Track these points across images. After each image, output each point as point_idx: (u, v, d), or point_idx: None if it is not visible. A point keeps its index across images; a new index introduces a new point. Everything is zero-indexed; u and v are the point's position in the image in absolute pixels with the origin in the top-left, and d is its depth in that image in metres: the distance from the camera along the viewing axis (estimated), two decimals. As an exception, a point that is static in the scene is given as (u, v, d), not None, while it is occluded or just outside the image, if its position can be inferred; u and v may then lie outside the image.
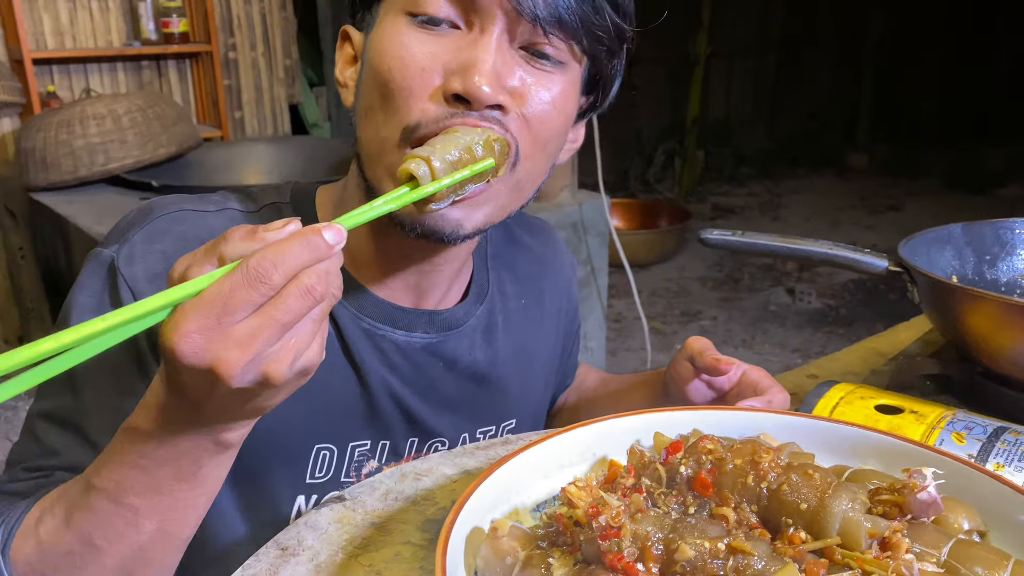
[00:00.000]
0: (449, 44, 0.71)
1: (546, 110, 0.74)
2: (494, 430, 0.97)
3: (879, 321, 4.11)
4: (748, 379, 0.85)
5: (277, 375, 0.53)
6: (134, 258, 0.77)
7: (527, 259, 1.03)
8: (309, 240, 0.52)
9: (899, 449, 0.67)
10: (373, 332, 0.85)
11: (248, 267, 0.51)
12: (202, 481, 0.62)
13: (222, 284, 0.51)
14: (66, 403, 0.75)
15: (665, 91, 6.94)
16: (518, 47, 0.73)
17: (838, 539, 0.55)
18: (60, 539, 0.63)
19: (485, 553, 0.57)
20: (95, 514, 0.62)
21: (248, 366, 0.52)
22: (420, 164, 0.65)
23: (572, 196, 3.13)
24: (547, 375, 1.06)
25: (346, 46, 0.83)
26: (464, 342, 0.91)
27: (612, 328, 4.11)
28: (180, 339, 0.51)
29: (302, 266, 0.52)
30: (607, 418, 0.72)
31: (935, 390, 0.97)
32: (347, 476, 0.87)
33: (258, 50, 4.23)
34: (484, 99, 0.69)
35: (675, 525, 0.54)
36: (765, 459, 0.59)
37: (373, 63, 0.74)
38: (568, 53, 0.74)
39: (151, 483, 0.60)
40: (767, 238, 1.03)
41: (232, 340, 0.51)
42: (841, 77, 7.72)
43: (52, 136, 2.93)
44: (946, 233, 1.07)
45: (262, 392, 0.55)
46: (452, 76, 0.70)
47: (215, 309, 0.51)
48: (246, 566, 0.65)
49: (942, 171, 6.92)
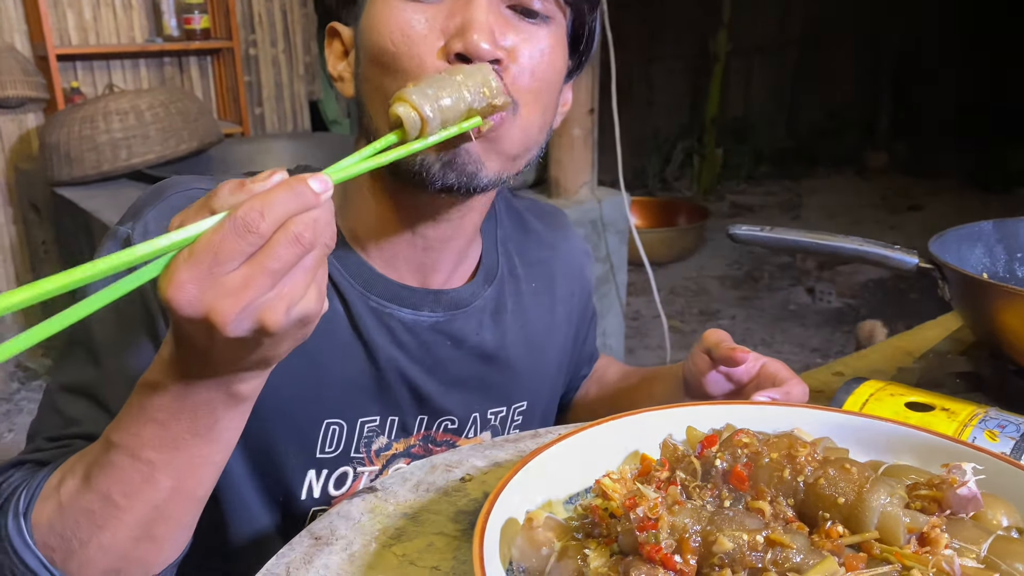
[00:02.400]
0: (442, 10, 0.75)
1: (539, 62, 0.78)
2: (505, 411, 0.98)
3: (900, 320, 4.08)
4: (767, 371, 0.86)
5: (273, 323, 0.54)
6: (148, 234, 0.78)
7: (537, 244, 1.04)
8: (295, 188, 0.53)
9: (935, 445, 0.67)
10: (380, 310, 0.86)
11: (236, 217, 0.52)
12: (217, 436, 0.63)
13: (212, 234, 0.52)
14: (86, 374, 0.77)
15: (684, 89, 6.92)
16: (506, 6, 0.76)
17: (876, 533, 0.55)
18: (80, 498, 0.64)
19: (521, 544, 0.57)
20: (114, 469, 0.63)
21: (242, 314, 0.53)
22: (405, 107, 0.65)
23: (592, 193, 3.13)
24: (559, 360, 1.06)
25: (335, 43, 0.86)
26: (472, 322, 0.92)
27: (631, 326, 4.10)
28: (175, 290, 0.52)
29: (289, 214, 0.53)
30: (639, 412, 0.72)
31: (965, 388, 0.96)
32: (356, 452, 0.88)
33: (278, 47, 4.25)
34: (483, 55, 0.72)
35: (712, 517, 0.54)
36: (801, 453, 0.59)
37: (371, 43, 0.77)
38: (554, 6, 0.78)
39: (168, 437, 0.61)
40: (795, 234, 1.03)
41: (224, 289, 0.52)
42: (860, 75, 7.67)
43: (76, 131, 2.95)
44: (976, 230, 1.06)
45: (263, 341, 0.56)
46: (451, 38, 0.74)
47: (207, 259, 0.52)
48: (280, 555, 0.66)
49: (963, 170, 6.86)
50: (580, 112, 3.02)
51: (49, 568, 0.65)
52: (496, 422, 0.97)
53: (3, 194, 3.61)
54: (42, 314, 0.50)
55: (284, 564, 0.65)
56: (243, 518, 0.86)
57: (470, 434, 0.95)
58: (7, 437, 3.10)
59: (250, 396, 0.63)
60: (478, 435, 0.95)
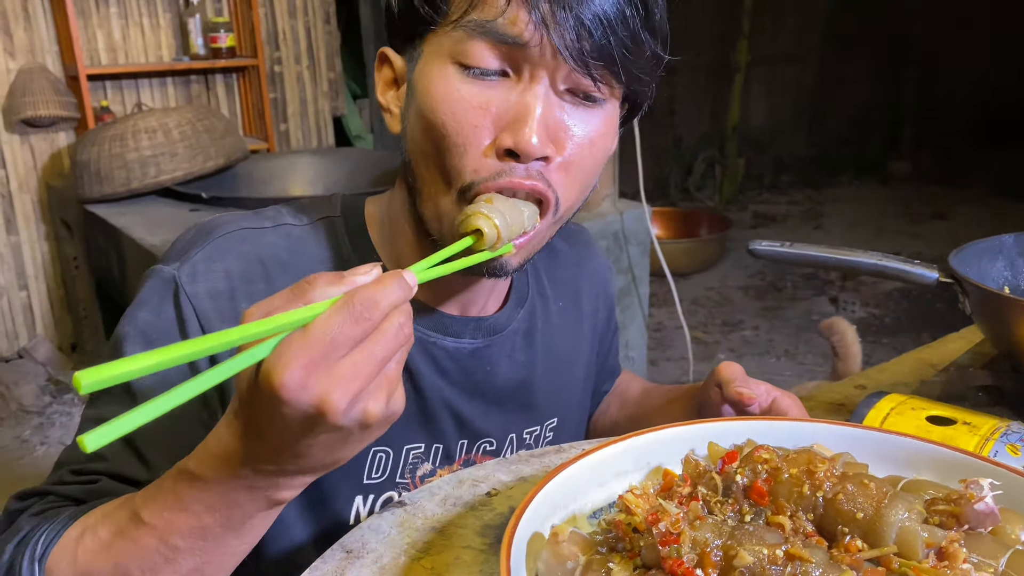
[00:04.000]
0: (499, 95, 0.74)
1: (584, 154, 0.77)
2: (539, 429, 1.00)
3: (925, 331, 4.05)
4: (778, 407, 0.86)
5: (375, 412, 0.54)
6: (196, 276, 0.79)
7: (563, 263, 1.06)
8: (402, 281, 0.54)
9: (954, 460, 0.68)
10: (425, 340, 0.88)
11: (354, 304, 0.52)
12: (247, 531, 0.63)
13: (329, 320, 0.51)
14: (117, 412, 0.77)
15: (705, 99, 6.92)
16: (564, 89, 0.75)
17: (895, 548, 0.56)
18: (97, 561, 0.64)
19: (546, 558, 0.59)
20: (138, 547, 0.63)
21: (352, 403, 0.53)
22: (487, 222, 0.71)
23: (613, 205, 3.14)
24: (586, 375, 1.08)
25: (385, 68, 0.85)
26: (507, 346, 0.94)
27: (653, 337, 4.10)
28: (289, 373, 0.51)
29: (395, 305, 0.53)
30: (661, 428, 0.73)
31: (988, 402, 0.96)
32: (402, 477, 0.89)
33: (303, 64, 4.31)
34: (533, 152, 0.73)
35: (733, 532, 0.55)
36: (821, 468, 0.60)
37: (423, 109, 0.76)
38: (610, 90, 0.77)
39: (198, 528, 0.61)
40: (815, 249, 1.04)
41: (338, 376, 0.52)
42: (883, 83, 7.63)
43: (106, 150, 3.01)
44: (997, 244, 1.06)
45: (356, 433, 0.56)
46: (503, 132, 0.74)
47: (323, 345, 0.51)
48: (313, 568, 0.68)
49: (989, 179, 6.79)
50: (601, 125, 3.03)
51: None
52: (531, 440, 0.99)
53: (36, 211, 3.69)
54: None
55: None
56: (286, 543, 0.87)
57: (507, 454, 0.97)
58: (39, 450, 3.15)
59: (288, 501, 0.63)
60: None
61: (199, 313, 0.78)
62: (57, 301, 3.82)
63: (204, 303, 0.78)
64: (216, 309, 0.79)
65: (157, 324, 0.79)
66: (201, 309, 0.78)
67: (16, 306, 3.73)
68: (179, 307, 0.78)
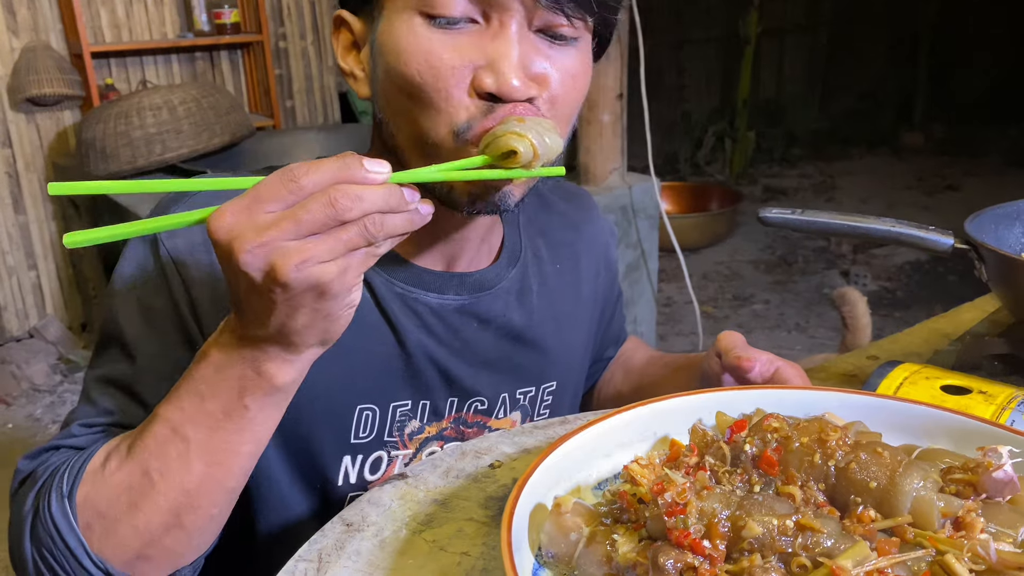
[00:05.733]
0: (470, 40, 0.73)
1: (569, 88, 0.76)
2: (534, 391, 0.98)
3: (937, 303, 4.01)
4: (781, 376, 0.84)
5: (281, 269, 0.56)
6: (175, 232, 0.80)
7: (561, 224, 1.05)
8: (344, 159, 0.57)
9: (970, 428, 0.66)
10: (406, 295, 0.87)
11: (283, 169, 0.57)
12: (248, 423, 0.65)
13: (262, 182, 0.58)
14: (119, 368, 0.79)
15: (715, 72, 6.85)
16: (535, 30, 0.74)
17: (909, 518, 0.54)
18: (121, 471, 0.67)
19: (549, 529, 0.58)
20: (154, 441, 0.66)
21: (257, 248, 0.56)
22: (523, 141, 0.68)
23: (622, 179, 3.11)
24: (585, 340, 1.06)
25: (343, 32, 0.83)
26: (498, 303, 0.92)
27: (663, 312, 4.08)
28: (215, 216, 0.58)
29: (334, 180, 0.57)
30: (667, 397, 0.71)
31: (1004, 371, 0.94)
32: (390, 436, 0.89)
33: (308, 39, 4.27)
34: (516, 95, 0.72)
35: (741, 502, 0.53)
36: (833, 437, 0.58)
37: (394, 66, 0.74)
38: (582, 27, 0.76)
39: (204, 413, 0.65)
40: (827, 216, 1.01)
41: (252, 223, 0.57)
42: (895, 54, 7.52)
43: (111, 127, 3.00)
44: (1014, 209, 1.04)
45: (275, 291, 0.58)
46: (481, 72, 0.72)
47: (249, 196, 0.57)
48: (312, 541, 0.67)
49: (1001, 149, 6.70)
50: (609, 98, 3.00)
51: (88, 551, 0.67)
52: (525, 402, 0.98)
53: (42, 190, 3.68)
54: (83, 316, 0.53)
55: (316, 550, 0.65)
56: (279, 507, 0.87)
57: (500, 415, 0.95)
58: (51, 428, 3.17)
59: (281, 386, 0.64)
60: (508, 415, 0.96)
61: (178, 265, 0.80)
62: (66, 280, 3.82)
63: (183, 255, 0.80)
64: (194, 260, 0.80)
65: (138, 276, 0.81)
66: (180, 261, 0.80)
67: (26, 285, 3.73)
68: (159, 259, 0.80)
